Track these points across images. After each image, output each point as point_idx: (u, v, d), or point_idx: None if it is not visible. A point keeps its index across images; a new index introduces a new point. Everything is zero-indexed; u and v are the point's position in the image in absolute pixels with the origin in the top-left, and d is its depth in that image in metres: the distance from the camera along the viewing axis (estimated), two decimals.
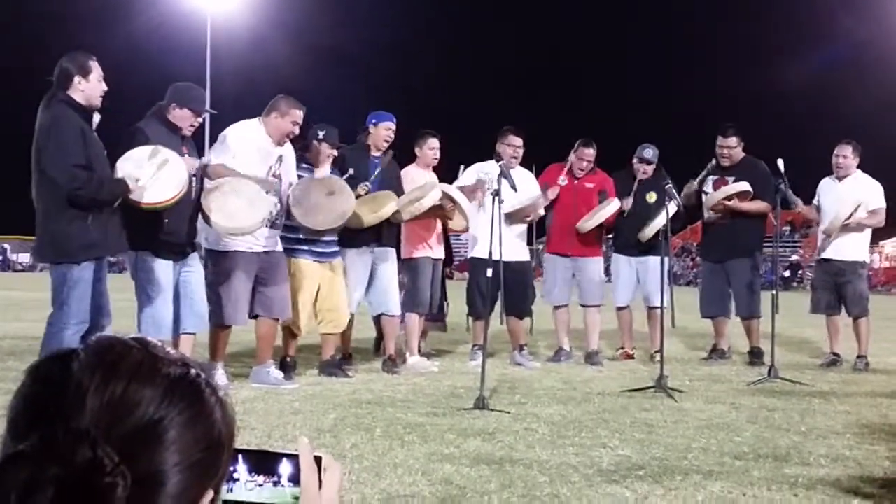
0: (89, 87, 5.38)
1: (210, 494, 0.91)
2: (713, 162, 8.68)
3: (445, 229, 8.28)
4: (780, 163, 7.87)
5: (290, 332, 7.02)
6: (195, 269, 6.18)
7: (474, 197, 7.90)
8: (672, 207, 7.48)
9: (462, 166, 8.41)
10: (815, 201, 8.73)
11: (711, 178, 8.68)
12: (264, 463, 1.10)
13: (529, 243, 9.03)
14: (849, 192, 8.36)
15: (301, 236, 6.89)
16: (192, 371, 0.92)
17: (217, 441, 0.92)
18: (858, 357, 8.21)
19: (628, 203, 8.50)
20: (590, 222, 8.28)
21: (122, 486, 0.81)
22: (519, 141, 8.23)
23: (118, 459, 0.81)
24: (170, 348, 0.94)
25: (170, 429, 0.86)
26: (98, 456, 0.80)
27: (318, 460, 1.12)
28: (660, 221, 7.71)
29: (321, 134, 7.07)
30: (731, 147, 8.58)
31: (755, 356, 8.37)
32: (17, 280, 29.88)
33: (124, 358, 0.88)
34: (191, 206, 6.02)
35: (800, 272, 37.43)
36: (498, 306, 7.58)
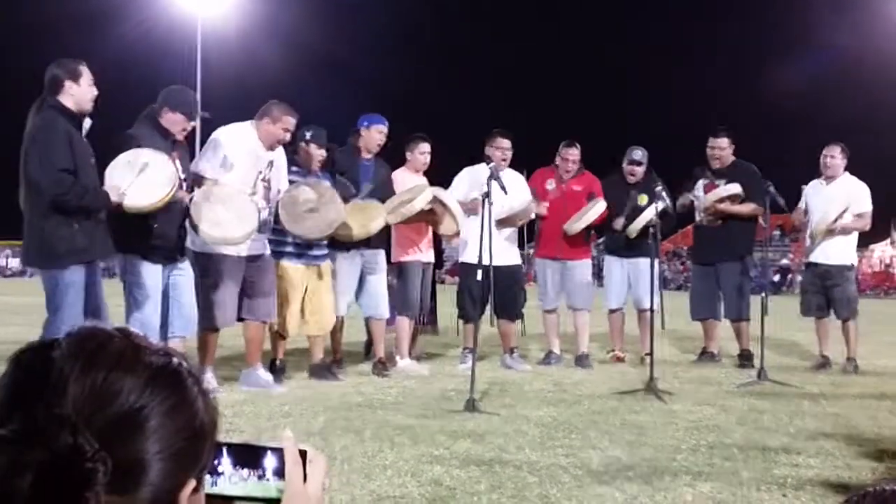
0: (80, 92, 5.34)
1: (192, 483, 0.92)
2: (697, 169, 8.65)
3: (436, 234, 8.26)
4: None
5: (279, 334, 7.00)
6: (185, 273, 6.15)
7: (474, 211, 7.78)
8: (660, 206, 7.46)
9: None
10: (801, 204, 8.72)
11: (702, 182, 8.69)
12: (249, 456, 1.10)
13: (521, 248, 9.03)
14: (837, 194, 8.36)
15: (289, 239, 6.87)
16: (174, 360, 0.92)
17: (199, 430, 0.92)
18: (847, 359, 8.22)
19: (620, 223, 8.45)
20: (577, 224, 8.26)
21: (102, 472, 0.81)
22: (507, 143, 8.22)
23: (98, 446, 0.82)
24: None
25: (151, 417, 0.87)
26: (78, 442, 0.81)
27: (302, 454, 1.12)
28: (647, 215, 7.71)
29: (308, 135, 7.04)
30: (722, 148, 8.60)
31: (745, 358, 8.38)
32: (6, 285, 29.73)
33: (106, 347, 0.88)
34: (181, 210, 5.98)
35: (790, 276, 37.52)
36: (488, 309, 7.59)
